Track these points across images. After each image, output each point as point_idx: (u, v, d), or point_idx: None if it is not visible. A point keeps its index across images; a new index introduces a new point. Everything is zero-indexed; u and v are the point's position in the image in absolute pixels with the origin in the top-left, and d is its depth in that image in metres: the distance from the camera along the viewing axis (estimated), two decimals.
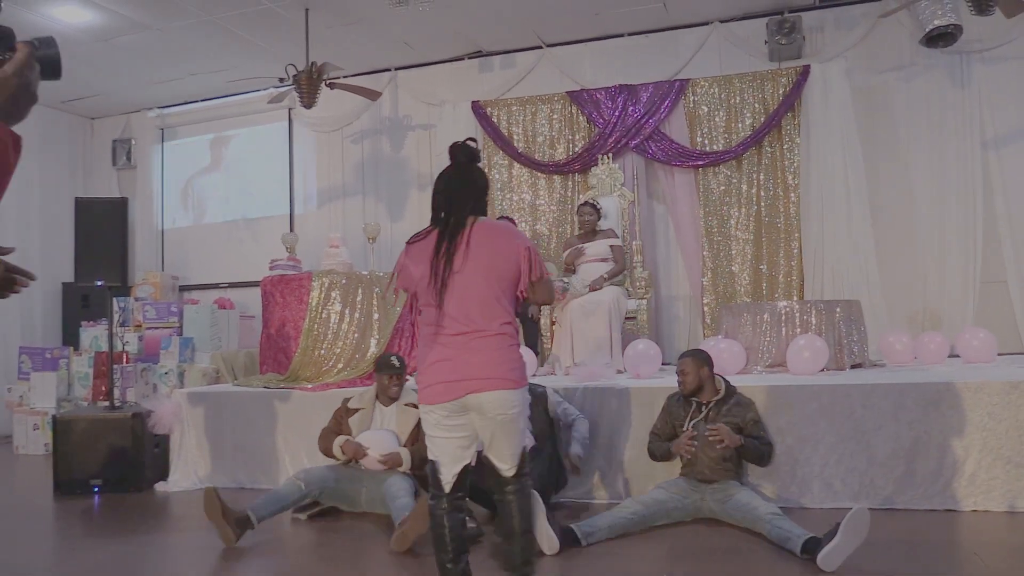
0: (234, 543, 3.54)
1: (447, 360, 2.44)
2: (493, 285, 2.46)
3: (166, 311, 7.38)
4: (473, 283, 2.44)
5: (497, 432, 2.46)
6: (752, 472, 3.98)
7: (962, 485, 3.82)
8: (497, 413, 2.43)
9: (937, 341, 5.28)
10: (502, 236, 2.51)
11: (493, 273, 2.45)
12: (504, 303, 2.48)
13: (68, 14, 6.35)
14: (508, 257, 2.48)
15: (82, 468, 4.91)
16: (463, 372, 2.41)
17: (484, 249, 2.46)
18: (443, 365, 2.45)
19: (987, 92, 6.40)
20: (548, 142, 7.43)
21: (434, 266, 2.45)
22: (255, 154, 8.68)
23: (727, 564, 3.15)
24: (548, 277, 2.60)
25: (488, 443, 2.51)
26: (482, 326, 2.43)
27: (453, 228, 2.48)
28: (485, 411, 2.43)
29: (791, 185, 6.82)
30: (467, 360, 2.42)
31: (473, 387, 2.41)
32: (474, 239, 2.46)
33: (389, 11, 6.33)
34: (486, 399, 2.41)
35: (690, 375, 3.80)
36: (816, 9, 6.81)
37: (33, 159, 8.47)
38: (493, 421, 2.44)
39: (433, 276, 2.45)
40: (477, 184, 2.57)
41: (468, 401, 2.43)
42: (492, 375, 2.42)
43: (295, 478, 3.91)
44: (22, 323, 8.23)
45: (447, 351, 2.45)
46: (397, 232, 7.93)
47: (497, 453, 2.51)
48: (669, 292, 7.21)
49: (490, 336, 2.44)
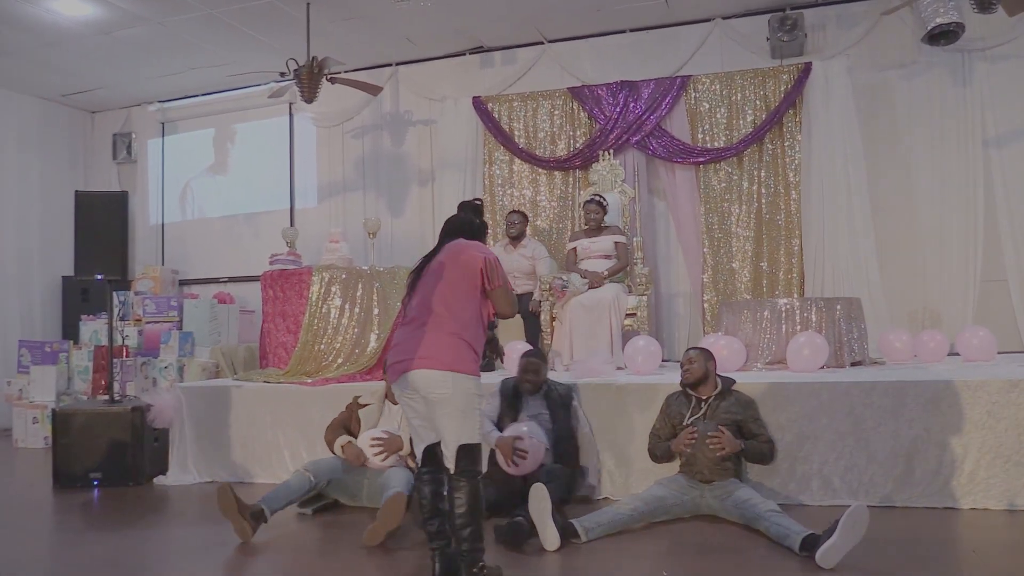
0: (250, 538, 3.55)
1: (398, 344, 2.84)
2: (450, 284, 2.79)
3: (166, 305, 7.38)
4: (433, 281, 2.82)
5: (434, 413, 2.74)
6: (751, 469, 3.98)
7: (961, 483, 3.83)
8: (428, 392, 2.71)
9: (937, 339, 5.28)
10: (465, 250, 2.87)
11: (451, 273, 2.81)
12: (462, 303, 2.79)
13: (69, 7, 6.33)
14: (467, 265, 2.82)
15: (81, 462, 4.91)
16: (404, 353, 2.76)
17: (449, 255, 2.87)
18: (395, 349, 2.85)
19: (989, 90, 6.38)
20: (549, 138, 7.42)
21: (411, 275, 2.95)
22: (256, 149, 8.67)
23: (726, 561, 3.15)
24: (509, 289, 2.90)
25: (435, 427, 2.78)
26: (432, 318, 2.77)
27: (433, 250, 2.96)
28: (418, 389, 2.73)
29: (792, 182, 6.81)
30: (409, 344, 2.77)
31: (408, 366, 2.73)
32: (444, 252, 2.90)
33: (390, 6, 6.32)
34: (416, 377, 2.72)
35: (697, 364, 3.83)
36: (818, 6, 6.79)
37: (33, 153, 8.47)
38: (427, 401, 2.73)
39: (409, 283, 2.93)
40: (473, 226, 3.02)
41: (408, 380, 2.74)
42: (425, 355, 2.71)
43: (304, 470, 3.93)
44: (22, 317, 8.24)
45: (400, 336, 2.86)
46: (397, 227, 7.93)
47: (441, 436, 2.77)
48: (669, 289, 7.20)
49: (434, 326, 2.75)
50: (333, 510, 4.17)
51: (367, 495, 4.06)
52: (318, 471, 3.93)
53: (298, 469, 3.98)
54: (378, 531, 3.41)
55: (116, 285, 5.81)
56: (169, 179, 8.98)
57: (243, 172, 8.71)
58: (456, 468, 2.73)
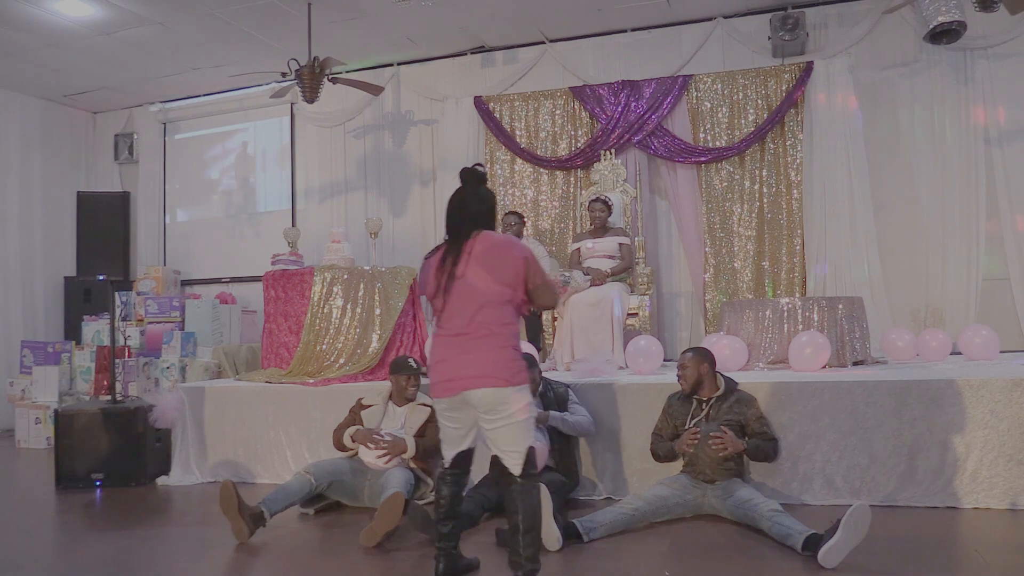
0: (247, 539, 3.55)
1: (445, 360, 2.72)
2: (492, 291, 2.67)
3: (168, 306, 7.38)
4: (471, 289, 2.67)
5: (493, 427, 2.67)
6: (753, 469, 3.98)
7: (964, 482, 3.82)
8: (489, 408, 2.64)
9: (939, 338, 5.27)
10: (502, 246, 2.73)
11: (492, 280, 2.67)
12: (503, 308, 2.69)
13: (71, 8, 6.34)
14: (507, 265, 2.70)
15: (84, 462, 4.91)
16: (457, 371, 2.67)
17: (484, 258, 2.69)
18: (443, 365, 2.72)
19: (990, 89, 6.37)
20: (551, 138, 7.42)
21: (438, 274, 2.74)
22: (257, 149, 8.68)
23: (728, 560, 3.15)
24: (550, 282, 2.81)
25: (490, 441, 2.71)
26: (477, 329, 2.66)
27: (458, 240, 2.74)
28: (478, 407, 2.66)
29: (794, 181, 6.80)
30: (461, 360, 2.67)
31: (467, 384, 2.64)
32: (476, 249, 2.70)
33: (392, 6, 6.32)
34: (476, 396, 2.64)
35: (689, 369, 3.81)
36: (820, 5, 6.79)
37: (35, 153, 8.48)
38: (488, 417, 2.66)
39: (437, 283, 2.73)
40: (485, 202, 2.82)
41: (464, 398, 2.67)
42: (483, 373, 2.63)
43: (304, 472, 3.92)
44: (24, 317, 8.25)
45: (446, 351, 2.72)
46: (399, 227, 7.94)
47: (497, 447, 2.69)
48: (671, 288, 7.20)
49: (482, 338, 2.66)
50: (334, 510, 4.17)
51: (368, 496, 4.06)
52: (319, 473, 3.92)
53: (299, 471, 3.96)
54: (376, 531, 3.40)
55: (118, 285, 5.82)
56: (171, 179, 8.99)
57: (245, 172, 8.72)
58: (522, 472, 2.66)
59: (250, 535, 3.55)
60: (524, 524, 2.62)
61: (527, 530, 2.62)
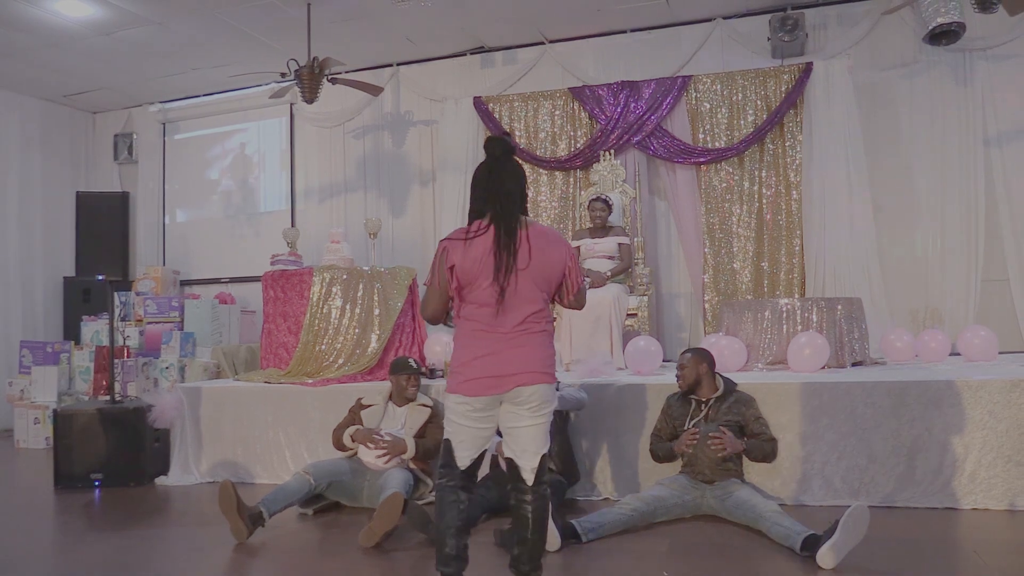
0: (246, 539, 3.55)
1: (495, 354, 2.51)
2: (542, 286, 2.56)
3: (167, 306, 7.38)
4: (527, 283, 2.52)
5: (529, 426, 2.55)
6: (752, 469, 3.98)
7: (962, 483, 3.82)
8: (536, 406, 2.53)
9: (938, 339, 5.27)
10: (553, 242, 2.60)
11: (543, 275, 2.55)
12: (546, 303, 2.61)
13: (70, 8, 6.34)
14: (557, 262, 2.58)
15: (83, 462, 4.91)
16: (513, 366, 2.50)
17: (538, 252, 2.53)
18: (489, 360, 2.51)
19: (990, 90, 6.38)
20: (550, 138, 7.42)
21: (497, 264, 2.49)
22: (256, 149, 8.68)
23: (727, 561, 3.15)
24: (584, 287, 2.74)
25: (515, 439, 2.58)
26: (530, 324, 2.53)
27: (510, 228, 2.51)
28: (527, 403, 2.52)
29: (793, 182, 6.81)
30: (515, 355, 2.50)
31: (522, 380, 2.49)
32: (532, 242, 2.53)
33: (391, 6, 6.33)
34: (529, 392, 2.51)
35: (688, 370, 3.81)
36: (819, 6, 6.79)
37: (35, 154, 8.47)
38: (528, 414, 2.53)
39: (496, 274, 2.48)
40: (519, 179, 2.60)
41: (513, 394, 2.51)
42: (539, 369, 2.52)
43: (303, 472, 3.92)
44: (23, 317, 8.24)
45: (496, 345, 2.51)
46: (398, 228, 7.94)
47: (522, 447, 2.57)
48: (670, 289, 7.21)
49: (535, 333, 2.54)
50: (333, 510, 4.17)
51: (367, 496, 4.06)
52: (318, 473, 3.93)
53: (298, 471, 3.97)
54: (374, 531, 3.41)
55: (117, 285, 5.84)
56: (170, 180, 8.98)
57: (244, 173, 8.72)
58: (536, 479, 2.57)
59: (249, 535, 3.55)
60: (534, 536, 2.57)
61: (536, 542, 2.57)
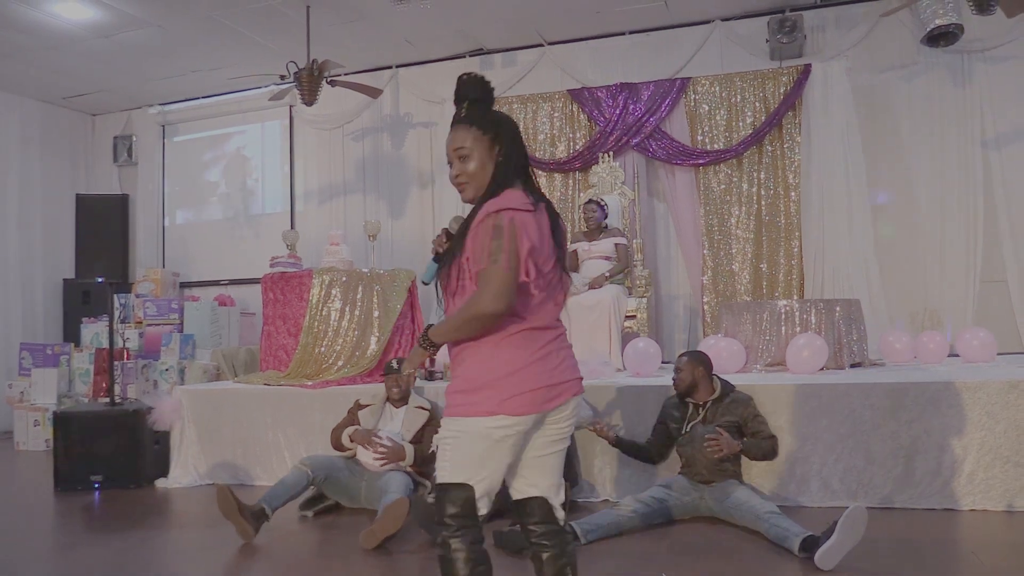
0: (252, 538, 3.56)
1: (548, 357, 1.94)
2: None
3: (167, 308, 7.38)
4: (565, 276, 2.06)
5: (560, 451, 2.04)
6: (750, 470, 3.98)
7: (961, 484, 3.83)
8: (571, 423, 2.03)
9: (937, 340, 5.29)
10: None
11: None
12: None
13: (70, 11, 6.35)
14: None
15: (82, 464, 4.91)
16: (565, 372, 1.97)
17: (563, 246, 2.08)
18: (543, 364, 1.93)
19: (988, 92, 6.39)
20: (549, 140, 7.43)
21: (559, 252, 2.01)
22: (256, 151, 8.69)
23: (725, 562, 3.15)
24: None
25: (542, 469, 2.02)
26: (563, 323, 2.07)
27: (547, 208, 2.01)
28: (567, 420, 2.00)
29: (791, 184, 6.82)
30: (567, 357, 1.99)
31: (575, 388, 2.00)
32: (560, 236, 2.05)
33: (390, 9, 6.33)
34: (574, 405, 2.02)
35: (684, 372, 3.81)
36: (817, 8, 6.80)
37: (34, 155, 8.48)
38: (559, 435, 2.01)
39: (559, 264, 2.00)
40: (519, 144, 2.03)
41: (558, 409, 1.97)
42: (580, 375, 2.04)
43: (301, 464, 3.93)
44: (23, 319, 8.25)
45: (551, 346, 1.95)
46: (398, 230, 7.94)
47: (550, 483, 2.03)
48: (669, 291, 7.21)
49: (564, 330, 2.06)
50: (333, 512, 4.18)
51: (366, 497, 4.06)
52: (315, 465, 3.94)
53: (295, 464, 3.98)
54: (376, 534, 3.41)
55: (117, 287, 5.83)
56: (170, 182, 9.00)
57: (243, 174, 8.73)
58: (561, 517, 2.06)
59: (255, 533, 3.57)
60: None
61: None
